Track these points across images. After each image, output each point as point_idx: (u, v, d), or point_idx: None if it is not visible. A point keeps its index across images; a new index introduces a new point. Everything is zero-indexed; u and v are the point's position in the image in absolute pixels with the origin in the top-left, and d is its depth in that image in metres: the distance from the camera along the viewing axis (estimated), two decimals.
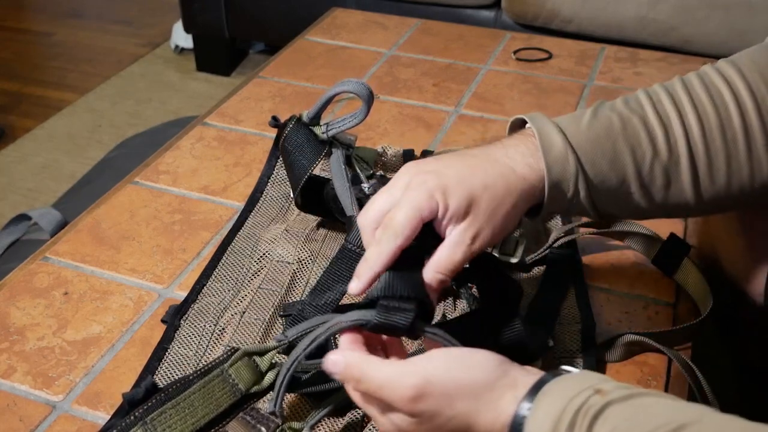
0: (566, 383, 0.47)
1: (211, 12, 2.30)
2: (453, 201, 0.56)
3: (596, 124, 0.61)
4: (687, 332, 0.71)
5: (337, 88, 0.77)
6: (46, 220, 1.26)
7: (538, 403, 0.47)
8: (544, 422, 0.45)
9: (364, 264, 0.56)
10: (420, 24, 1.38)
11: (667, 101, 0.61)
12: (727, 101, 0.60)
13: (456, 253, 0.56)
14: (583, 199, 0.60)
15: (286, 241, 0.80)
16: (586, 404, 0.45)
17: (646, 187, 0.61)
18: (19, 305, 0.75)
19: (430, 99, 1.13)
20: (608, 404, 0.44)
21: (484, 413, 0.49)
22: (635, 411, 0.44)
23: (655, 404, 0.44)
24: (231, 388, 0.57)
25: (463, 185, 0.56)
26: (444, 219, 0.56)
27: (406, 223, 0.55)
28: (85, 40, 2.78)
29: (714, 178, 0.61)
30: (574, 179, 0.59)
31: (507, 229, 0.59)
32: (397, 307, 0.53)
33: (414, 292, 0.54)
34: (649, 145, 0.60)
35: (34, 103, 2.40)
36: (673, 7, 1.75)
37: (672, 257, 0.77)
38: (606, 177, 0.60)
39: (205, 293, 0.75)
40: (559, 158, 0.59)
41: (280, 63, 1.24)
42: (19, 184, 2.01)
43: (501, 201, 0.57)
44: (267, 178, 0.91)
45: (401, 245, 0.55)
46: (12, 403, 0.65)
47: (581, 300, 0.74)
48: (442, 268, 0.56)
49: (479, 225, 0.57)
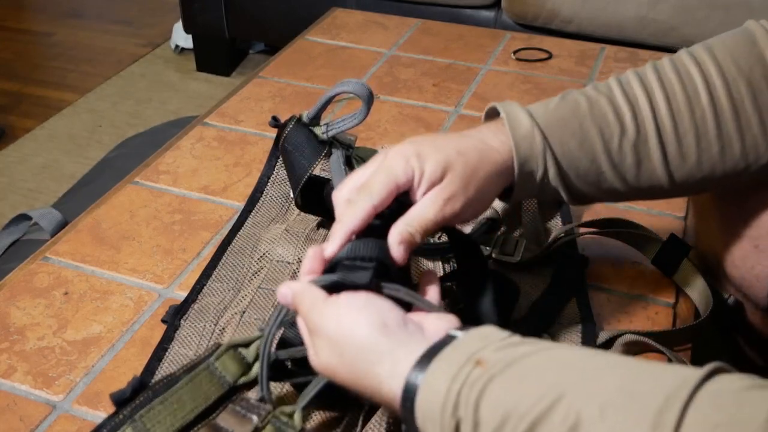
0: (450, 355, 0.46)
1: (211, 12, 2.30)
2: (428, 165, 0.57)
3: (563, 105, 0.63)
4: (687, 333, 0.71)
5: (337, 89, 0.77)
6: (46, 220, 1.26)
7: (426, 377, 0.46)
8: (433, 402, 0.45)
9: (337, 225, 0.57)
10: (420, 24, 1.38)
11: (636, 83, 0.62)
12: (696, 81, 0.61)
13: (428, 210, 0.57)
14: (553, 178, 0.61)
15: (286, 241, 0.80)
16: (468, 380, 0.44)
17: (617, 166, 0.62)
18: (19, 305, 0.75)
19: (430, 99, 1.13)
20: (490, 379, 0.43)
21: (377, 364, 0.48)
22: (515, 383, 0.43)
23: (534, 369, 0.44)
24: (219, 381, 0.57)
25: (438, 151, 0.58)
26: (420, 186, 0.57)
27: (381, 186, 0.57)
28: (85, 40, 2.78)
29: (684, 156, 0.61)
30: (542, 156, 0.60)
31: (482, 203, 0.60)
32: (357, 266, 0.54)
33: (375, 252, 0.54)
34: (616, 124, 0.61)
35: (34, 103, 2.40)
36: (673, 7, 1.75)
37: (672, 258, 0.77)
38: (574, 156, 0.61)
39: (205, 293, 0.75)
40: (526, 136, 0.60)
41: (280, 63, 1.24)
42: (19, 184, 2.01)
43: (475, 167, 0.59)
44: (267, 178, 0.91)
45: (375, 205, 0.56)
46: (12, 403, 0.65)
47: (581, 300, 0.74)
48: (411, 221, 0.56)
49: (453, 188, 0.57)
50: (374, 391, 0.49)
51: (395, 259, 0.55)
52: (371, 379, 0.48)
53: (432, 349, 0.47)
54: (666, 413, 0.38)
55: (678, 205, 0.89)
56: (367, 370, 0.48)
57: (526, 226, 0.82)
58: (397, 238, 0.56)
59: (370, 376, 0.48)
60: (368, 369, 0.48)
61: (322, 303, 0.52)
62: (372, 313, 0.50)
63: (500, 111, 0.62)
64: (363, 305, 0.51)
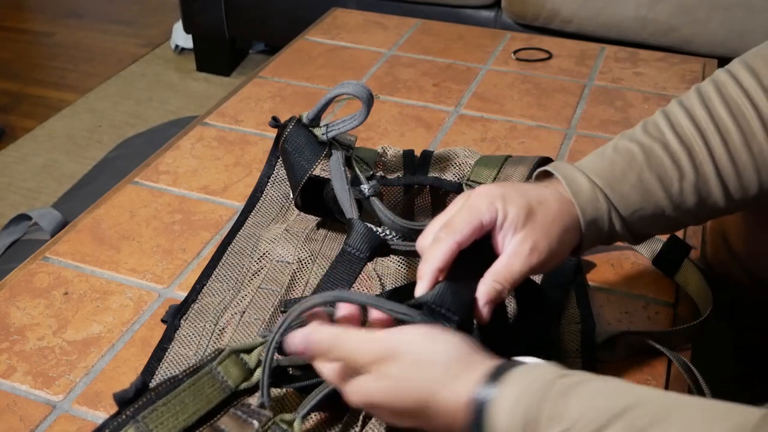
0: (528, 370, 0.47)
1: (211, 12, 2.30)
2: (512, 209, 0.57)
3: (618, 158, 0.62)
4: (687, 333, 0.71)
5: (337, 90, 0.77)
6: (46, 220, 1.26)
7: (501, 387, 0.47)
8: (511, 409, 0.45)
9: (424, 265, 0.56)
10: (420, 24, 1.38)
11: (686, 122, 0.62)
12: (748, 117, 0.61)
13: (514, 262, 0.56)
14: (620, 230, 0.62)
15: (286, 241, 0.80)
16: (554, 386, 0.45)
17: (680, 207, 0.62)
18: (19, 305, 0.75)
19: (430, 99, 1.13)
20: (580, 382, 0.45)
21: (443, 390, 0.48)
22: (603, 386, 0.45)
23: (620, 383, 0.46)
24: (220, 385, 0.57)
25: (522, 196, 0.58)
26: (502, 228, 0.57)
27: (464, 223, 0.56)
28: (85, 40, 2.78)
29: (745, 188, 0.62)
30: (607, 216, 0.60)
31: (561, 253, 0.59)
32: (443, 314, 0.54)
33: (460, 308, 0.54)
34: (674, 169, 0.61)
35: (34, 103, 2.40)
36: (673, 7, 1.75)
37: (672, 258, 0.77)
38: (638, 207, 0.61)
39: (205, 293, 0.75)
40: (590, 200, 0.60)
41: (280, 63, 1.24)
42: (19, 184, 2.01)
43: (555, 216, 0.58)
44: (267, 178, 0.91)
45: (459, 242, 0.56)
46: (12, 403, 0.65)
47: (581, 300, 0.74)
48: (499, 277, 0.56)
49: (536, 236, 0.57)
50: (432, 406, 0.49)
51: (480, 317, 0.55)
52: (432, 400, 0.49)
53: (502, 367, 0.48)
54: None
55: None
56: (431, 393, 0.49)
57: None
58: (485, 297, 0.55)
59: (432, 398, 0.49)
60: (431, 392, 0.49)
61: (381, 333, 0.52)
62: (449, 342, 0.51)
63: (556, 175, 0.62)
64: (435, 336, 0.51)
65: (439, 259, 0.55)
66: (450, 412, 0.48)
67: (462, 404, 0.48)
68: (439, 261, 0.55)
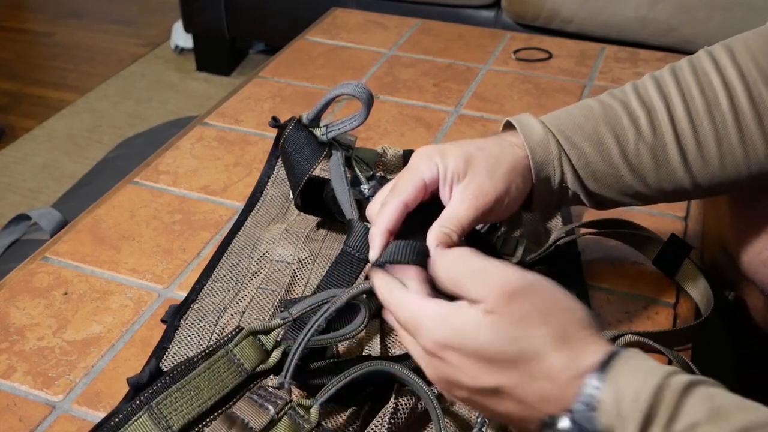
0: (644, 359, 0.45)
1: (211, 12, 2.30)
2: (451, 160, 0.58)
3: (576, 111, 0.63)
4: (687, 333, 0.71)
5: (336, 91, 0.77)
6: (46, 220, 1.26)
7: (614, 368, 0.43)
8: (632, 382, 0.42)
9: (373, 229, 0.57)
10: (420, 24, 1.38)
11: (652, 87, 0.62)
12: (715, 85, 0.60)
13: (459, 207, 0.57)
14: (571, 182, 0.62)
15: (286, 241, 0.80)
16: (672, 380, 0.42)
17: (636, 169, 0.62)
18: (19, 305, 0.75)
19: (430, 99, 1.13)
20: (698, 382, 0.42)
21: (555, 352, 0.44)
22: (721, 392, 0.43)
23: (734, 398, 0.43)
24: (236, 368, 0.56)
25: (459, 147, 0.59)
26: (446, 180, 0.58)
27: (407, 183, 0.57)
28: (85, 40, 2.78)
29: (706, 160, 0.61)
30: (558, 161, 0.61)
31: (512, 198, 0.59)
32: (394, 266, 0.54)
33: (413, 256, 0.54)
34: (631, 127, 0.61)
35: (34, 103, 2.40)
36: (673, 7, 1.75)
37: (673, 258, 0.77)
38: (591, 160, 0.61)
39: (205, 293, 0.75)
40: (541, 142, 0.61)
41: (280, 63, 1.24)
42: (19, 184, 2.01)
43: (497, 159, 0.59)
44: (267, 178, 0.91)
45: (405, 201, 0.56)
46: (12, 403, 0.65)
47: (581, 300, 0.74)
48: (446, 222, 0.56)
49: (478, 180, 0.58)
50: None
51: None
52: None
53: (611, 355, 0.44)
54: None
55: (678, 206, 0.89)
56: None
57: (526, 226, 0.82)
58: (434, 241, 0.55)
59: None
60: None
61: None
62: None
63: (513, 122, 0.62)
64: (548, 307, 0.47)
65: (387, 220, 0.56)
66: (553, 382, 0.44)
67: (569, 380, 0.44)
68: (386, 222, 0.56)
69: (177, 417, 0.53)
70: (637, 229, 0.79)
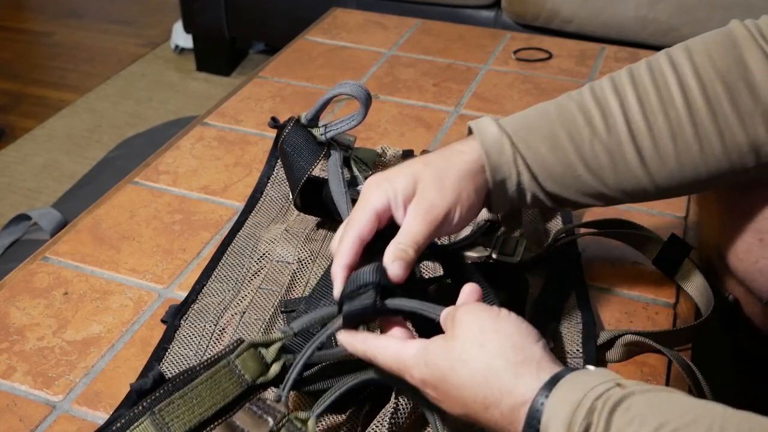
0: (586, 375, 0.47)
1: (211, 12, 2.30)
2: (399, 183, 0.59)
3: (532, 113, 0.64)
4: (687, 333, 0.71)
5: (334, 90, 0.77)
6: (46, 220, 1.26)
7: (555, 391, 0.47)
8: (562, 408, 0.45)
9: (333, 266, 0.58)
10: (420, 24, 1.38)
11: (607, 87, 0.63)
12: (670, 83, 0.61)
13: (412, 224, 0.58)
14: (528, 183, 0.62)
15: (286, 241, 0.80)
16: (606, 394, 0.45)
17: (593, 168, 0.62)
18: (19, 305, 0.75)
19: (430, 99, 1.13)
20: (629, 395, 0.45)
21: (506, 398, 0.49)
22: (657, 402, 0.44)
23: (675, 399, 0.45)
24: (237, 379, 0.56)
25: (405, 168, 0.61)
26: (398, 205, 0.59)
27: (360, 215, 0.58)
28: (85, 40, 2.78)
29: (663, 157, 0.61)
30: (513, 162, 0.61)
31: (467, 208, 0.60)
32: (360, 293, 0.55)
33: (372, 278, 0.55)
34: (586, 127, 0.61)
35: (34, 103, 2.40)
36: (673, 7, 1.75)
37: (673, 258, 0.77)
38: (547, 161, 0.62)
39: (205, 293, 0.75)
40: (495, 143, 0.61)
41: (280, 63, 1.24)
42: (19, 184, 2.01)
43: (444, 171, 0.60)
44: (267, 178, 0.91)
45: (360, 235, 0.58)
46: (12, 403, 0.65)
47: (582, 300, 0.74)
48: (401, 239, 0.58)
49: (428, 195, 0.59)
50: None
51: (392, 277, 0.56)
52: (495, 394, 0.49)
53: (558, 375, 0.48)
54: None
55: (678, 205, 0.89)
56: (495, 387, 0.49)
57: (526, 226, 0.82)
58: (390, 257, 0.57)
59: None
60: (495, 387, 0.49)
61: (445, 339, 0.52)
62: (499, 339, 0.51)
63: (471, 125, 0.63)
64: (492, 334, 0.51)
65: (345, 255, 0.57)
66: (511, 416, 0.49)
67: (520, 409, 0.48)
68: (345, 258, 0.57)
69: (179, 424, 0.53)
70: (637, 229, 0.79)
